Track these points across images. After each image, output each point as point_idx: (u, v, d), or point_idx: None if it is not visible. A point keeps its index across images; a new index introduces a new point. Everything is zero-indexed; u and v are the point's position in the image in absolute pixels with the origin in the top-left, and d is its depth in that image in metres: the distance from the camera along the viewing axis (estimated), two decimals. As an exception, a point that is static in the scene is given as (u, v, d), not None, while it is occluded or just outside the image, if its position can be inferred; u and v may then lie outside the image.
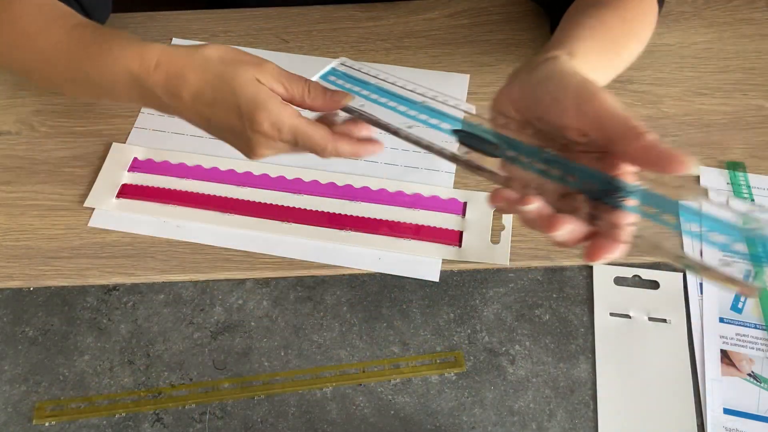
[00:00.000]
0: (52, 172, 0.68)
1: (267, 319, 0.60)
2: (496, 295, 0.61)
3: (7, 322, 0.60)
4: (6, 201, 0.67)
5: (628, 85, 0.74)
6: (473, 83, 0.75)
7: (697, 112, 0.72)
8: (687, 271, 0.54)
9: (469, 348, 0.59)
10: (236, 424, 0.55)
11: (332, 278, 0.62)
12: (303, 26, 0.81)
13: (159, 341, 0.59)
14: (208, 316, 0.60)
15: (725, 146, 0.70)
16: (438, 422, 0.55)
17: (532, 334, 0.59)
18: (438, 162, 0.68)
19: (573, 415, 0.55)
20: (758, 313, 0.59)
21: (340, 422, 0.55)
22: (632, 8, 0.62)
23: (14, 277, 0.62)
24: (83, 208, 0.66)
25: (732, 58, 0.77)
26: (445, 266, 0.62)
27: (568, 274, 0.62)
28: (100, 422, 0.55)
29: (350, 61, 0.60)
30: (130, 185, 0.67)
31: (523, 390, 0.57)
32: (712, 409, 0.55)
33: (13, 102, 0.74)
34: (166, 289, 0.62)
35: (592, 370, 0.57)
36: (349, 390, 0.57)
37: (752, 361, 0.57)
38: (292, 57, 0.78)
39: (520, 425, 0.55)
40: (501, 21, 0.81)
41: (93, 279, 0.62)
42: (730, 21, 0.80)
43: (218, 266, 0.62)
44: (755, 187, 0.66)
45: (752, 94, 0.74)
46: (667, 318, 0.59)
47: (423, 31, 0.80)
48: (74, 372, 0.58)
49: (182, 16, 0.82)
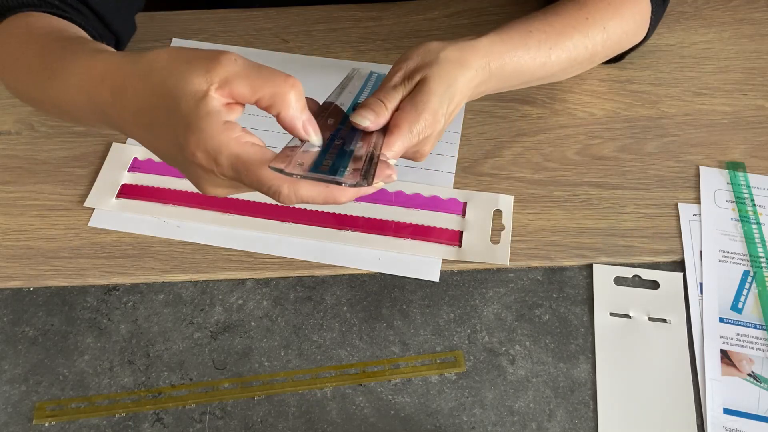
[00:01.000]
0: (52, 172, 0.68)
1: (267, 319, 0.60)
2: (496, 295, 0.61)
3: (7, 322, 0.60)
4: (6, 201, 0.67)
5: (627, 85, 0.74)
6: (473, 83, 0.75)
7: (697, 112, 0.72)
8: None
9: (469, 348, 0.59)
10: (236, 424, 0.55)
11: (332, 278, 0.62)
12: (303, 26, 0.81)
13: (159, 341, 0.59)
14: (208, 316, 0.60)
15: (725, 146, 0.70)
16: (438, 422, 0.55)
17: (532, 334, 0.59)
18: (438, 162, 0.68)
19: (573, 415, 0.55)
20: (758, 313, 0.59)
21: (340, 422, 0.55)
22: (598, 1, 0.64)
23: (14, 277, 0.62)
24: (83, 208, 0.66)
25: (732, 58, 0.77)
26: (445, 266, 0.62)
27: (568, 274, 0.62)
28: (100, 422, 0.55)
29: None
30: (130, 185, 0.67)
31: (523, 390, 0.57)
32: (712, 409, 0.55)
33: (13, 102, 0.74)
34: (166, 289, 0.62)
35: (592, 370, 0.57)
36: (349, 390, 0.57)
37: (752, 361, 0.57)
38: (292, 57, 0.78)
39: (520, 425, 0.55)
40: (501, 21, 0.81)
41: (93, 279, 0.62)
42: (730, 21, 0.80)
43: (218, 266, 0.62)
44: (755, 187, 0.66)
45: (752, 94, 0.74)
46: (667, 318, 0.59)
47: (423, 31, 0.80)
48: (74, 372, 0.58)
49: (182, 16, 0.82)
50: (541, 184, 0.67)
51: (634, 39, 0.69)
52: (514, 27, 0.59)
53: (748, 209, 0.65)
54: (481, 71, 0.55)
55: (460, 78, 0.54)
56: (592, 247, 0.63)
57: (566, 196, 0.66)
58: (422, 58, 0.53)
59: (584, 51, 0.63)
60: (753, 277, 0.61)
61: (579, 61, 0.63)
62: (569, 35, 0.61)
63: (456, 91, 0.53)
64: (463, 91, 0.54)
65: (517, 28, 0.59)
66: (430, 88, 0.51)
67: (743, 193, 0.66)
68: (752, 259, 0.62)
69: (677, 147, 0.70)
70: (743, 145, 0.70)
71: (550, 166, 0.68)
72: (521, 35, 0.59)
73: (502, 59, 0.57)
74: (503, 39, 0.57)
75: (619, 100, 0.73)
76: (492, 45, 0.56)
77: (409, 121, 0.49)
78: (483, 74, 0.56)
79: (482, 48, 0.56)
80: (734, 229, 0.63)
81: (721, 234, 0.63)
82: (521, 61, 0.58)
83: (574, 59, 0.62)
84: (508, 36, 0.58)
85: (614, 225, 0.64)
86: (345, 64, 0.77)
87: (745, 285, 0.60)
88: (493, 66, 0.56)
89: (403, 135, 0.49)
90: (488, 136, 0.70)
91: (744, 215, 0.64)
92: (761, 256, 0.62)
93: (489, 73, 0.56)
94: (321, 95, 0.54)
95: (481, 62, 0.55)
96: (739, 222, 0.64)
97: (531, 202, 0.66)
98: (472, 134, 0.71)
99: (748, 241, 0.63)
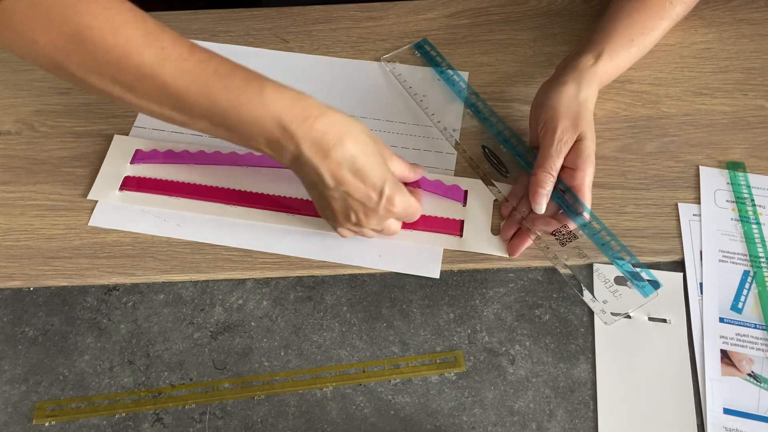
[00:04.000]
0: (52, 172, 0.68)
1: (267, 319, 0.60)
2: (496, 295, 0.61)
3: (7, 322, 0.60)
4: (6, 201, 0.67)
5: (627, 85, 0.74)
6: (473, 83, 0.75)
7: (697, 112, 0.72)
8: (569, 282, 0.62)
9: (469, 348, 0.59)
10: (236, 424, 0.55)
11: (332, 278, 0.62)
12: (303, 26, 0.81)
13: (159, 341, 0.59)
14: (208, 316, 0.60)
15: (725, 146, 0.70)
16: (438, 422, 0.55)
17: (532, 334, 0.59)
18: (440, 144, 0.69)
19: (573, 415, 0.55)
20: (758, 313, 0.59)
21: (340, 422, 0.55)
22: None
23: (14, 277, 0.62)
24: (83, 208, 0.66)
25: (732, 58, 0.77)
26: (446, 266, 0.62)
27: (568, 274, 0.62)
28: (100, 422, 0.55)
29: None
30: (133, 177, 0.67)
31: (523, 390, 0.57)
32: (712, 409, 0.55)
33: (13, 102, 0.74)
34: (166, 289, 0.62)
35: (592, 370, 0.57)
36: (349, 390, 0.57)
37: (752, 361, 0.57)
38: (292, 57, 0.78)
39: (520, 425, 0.55)
40: (501, 21, 0.81)
41: (93, 279, 0.62)
42: (730, 21, 0.80)
43: (218, 266, 0.62)
44: (755, 187, 0.66)
45: (752, 94, 0.74)
46: (667, 318, 0.59)
47: (423, 31, 0.80)
48: (74, 372, 0.58)
49: (182, 16, 0.82)
50: (541, 184, 0.67)
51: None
52: (618, 39, 0.67)
53: (748, 209, 0.65)
54: (597, 88, 0.66)
55: (593, 101, 0.64)
56: (593, 247, 0.63)
57: (566, 196, 0.66)
58: (569, 109, 0.62)
59: (668, 28, 0.71)
60: (753, 277, 0.61)
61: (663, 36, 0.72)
62: (659, 26, 0.70)
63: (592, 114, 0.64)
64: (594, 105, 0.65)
65: (621, 41, 0.67)
66: (588, 140, 0.62)
67: (743, 193, 0.66)
68: (752, 259, 0.62)
69: (677, 147, 0.70)
70: (743, 145, 0.70)
71: (550, 166, 0.68)
72: (625, 49, 0.68)
73: (613, 75, 0.69)
74: (613, 58, 0.66)
75: (619, 100, 0.73)
76: (606, 68, 0.66)
77: (588, 175, 0.62)
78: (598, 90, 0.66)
79: (601, 74, 0.65)
80: (734, 229, 0.63)
81: (721, 234, 0.63)
82: (623, 68, 0.69)
83: (660, 37, 0.71)
84: (617, 54, 0.67)
85: (614, 225, 0.64)
86: (345, 64, 0.77)
87: (745, 285, 0.60)
88: (605, 81, 0.67)
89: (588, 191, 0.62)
90: (488, 135, 0.70)
91: (744, 215, 0.64)
92: (761, 256, 0.62)
93: (599, 87, 0.66)
94: (321, 95, 0.54)
95: (602, 82, 0.67)
96: (739, 222, 0.64)
97: (531, 202, 0.66)
98: (473, 134, 0.71)
99: (748, 241, 0.63)
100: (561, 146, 0.62)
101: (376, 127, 0.71)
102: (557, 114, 0.62)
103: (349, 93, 0.74)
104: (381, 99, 0.74)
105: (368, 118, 0.72)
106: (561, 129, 0.62)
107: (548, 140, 0.62)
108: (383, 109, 0.73)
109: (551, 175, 0.62)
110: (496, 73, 0.76)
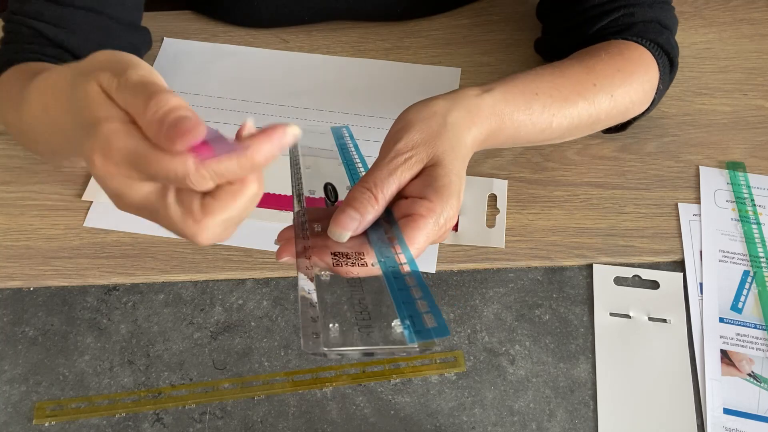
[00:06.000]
0: (52, 172, 0.68)
1: (267, 319, 0.60)
2: (496, 295, 0.61)
3: (7, 322, 0.60)
4: (6, 201, 0.67)
5: (628, 85, 0.74)
6: (472, 83, 0.75)
7: (697, 112, 0.72)
8: None
9: (469, 348, 0.59)
10: (236, 424, 0.55)
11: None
12: (303, 26, 0.80)
13: (159, 341, 0.59)
14: (208, 316, 0.60)
15: (725, 146, 0.70)
16: (438, 422, 0.55)
17: (532, 334, 0.59)
18: None
19: (573, 415, 0.55)
20: (758, 313, 0.59)
21: (340, 422, 0.55)
22: (607, 62, 0.61)
23: (14, 277, 0.62)
24: (83, 208, 0.66)
25: (732, 58, 0.77)
26: (446, 266, 0.62)
27: (568, 274, 0.62)
28: (100, 422, 0.55)
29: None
30: None
31: (523, 390, 0.57)
32: (712, 409, 0.55)
33: (13, 102, 0.74)
34: (166, 289, 0.62)
35: (592, 370, 0.57)
36: (349, 390, 0.57)
37: (752, 361, 0.57)
38: (292, 57, 0.78)
39: (520, 425, 0.55)
40: (501, 21, 0.81)
41: (93, 279, 0.62)
42: (730, 21, 0.80)
43: (218, 266, 0.62)
44: (755, 187, 0.66)
45: (752, 94, 0.74)
46: (667, 318, 0.59)
47: (423, 31, 0.80)
48: (74, 372, 0.58)
49: (182, 16, 0.82)
50: (541, 184, 0.67)
51: (639, 108, 0.64)
52: (520, 85, 0.56)
53: (748, 209, 0.65)
54: (484, 130, 0.53)
55: (468, 138, 0.51)
56: (592, 247, 0.63)
57: (566, 196, 0.66)
58: (426, 124, 0.48)
59: (587, 119, 0.60)
60: (753, 277, 0.61)
61: (580, 128, 0.61)
62: (574, 102, 0.58)
63: (466, 154, 0.50)
64: (470, 150, 0.51)
65: (523, 88, 0.56)
66: (447, 169, 0.46)
67: (743, 193, 0.66)
68: (752, 259, 0.62)
69: (677, 147, 0.70)
70: (743, 145, 0.70)
71: (550, 166, 0.68)
72: (526, 98, 0.55)
73: (503, 122, 0.54)
74: (508, 99, 0.54)
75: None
76: (495, 105, 0.53)
77: (435, 212, 0.44)
78: (484, 134, 0.53)
79: (487, 108, 0.53)
80: (734, 229, 0.63)
81: (721, 234, 0.63)
82: (521, 126, 0.56)
83: (576, 126, 0.60)
84: (513, 96, 0.55)
85: (614, 225, 0.64)
86: (345, 63, 0.77)
87: (745, 285, 0.60)
88: (494, 126, 0.53)
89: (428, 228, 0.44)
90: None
91: (744, 215, 0.64)
92: (761, 256, 0.62)
93: (488, 133, 0.53)
94: (321, 95, 0.54)
95: (485, 123, 0.53)
96: (739, 222, 0.64)
97: (531, 202, 0.66)
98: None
99: (748, 241, 0.63)
100: (399, 162, 0.46)
101: (378, 126, 0.71)
102: (408, 125, 0.48)
103: (349, 93, 0.74)
104: (381, 98, 0.74)
105: (375, 117, 0.72)
106: (405, 141, 0.47)
107: (384, 152, 0.47)
108: (384, 109, 0.73)
109: (372, 195, 0.44)
110: (495, 73, 0.76)
